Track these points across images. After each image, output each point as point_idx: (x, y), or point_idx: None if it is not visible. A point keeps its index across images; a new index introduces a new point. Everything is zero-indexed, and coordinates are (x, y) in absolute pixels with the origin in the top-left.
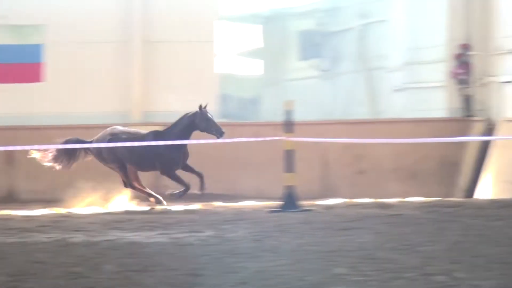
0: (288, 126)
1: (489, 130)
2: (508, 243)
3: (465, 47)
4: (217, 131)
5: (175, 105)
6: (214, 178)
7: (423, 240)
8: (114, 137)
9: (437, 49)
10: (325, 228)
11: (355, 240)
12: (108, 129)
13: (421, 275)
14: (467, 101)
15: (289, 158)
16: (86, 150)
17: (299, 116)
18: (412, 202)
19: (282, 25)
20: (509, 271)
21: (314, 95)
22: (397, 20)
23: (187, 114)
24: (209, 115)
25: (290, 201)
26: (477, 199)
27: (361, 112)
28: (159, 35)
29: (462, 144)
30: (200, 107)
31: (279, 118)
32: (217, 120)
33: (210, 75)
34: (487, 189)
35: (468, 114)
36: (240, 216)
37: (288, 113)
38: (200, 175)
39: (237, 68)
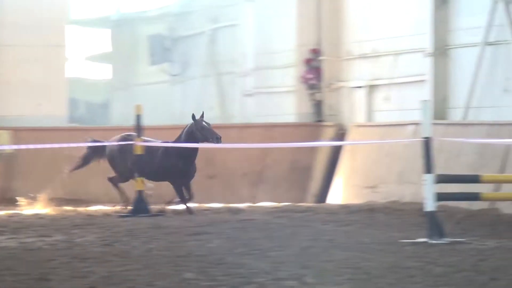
0: (138, 130)
1: (340, 135)
2: (358, 248)
3: (315, 52)
4: (213, 138)
5: (26, 110)
6: (64, 183)
7: (273, 245)
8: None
9: (288, 54)
10: (175, 233)
11: (205, 245)
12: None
13: (271, 280)
14: (318, 106)
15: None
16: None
17: (149, 120)
18: (263, 207)
19: (132, 30)
20: (359, 276)
21: (165, 99)
22: (247, 24)
23: (186, 126)
24: (204, 124)
25: (140, 206)
26: (328, 204)
27: (212, 117)
28: (10, 39)
29: (313, 149)
30: (193, 117)
31: (129, 122)
32: (67, 125)
33: (61, 79)
34: (338, 194)
35: (319, 119)
36: (90, 221)
37: (138, 117)
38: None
39: (87, 72)
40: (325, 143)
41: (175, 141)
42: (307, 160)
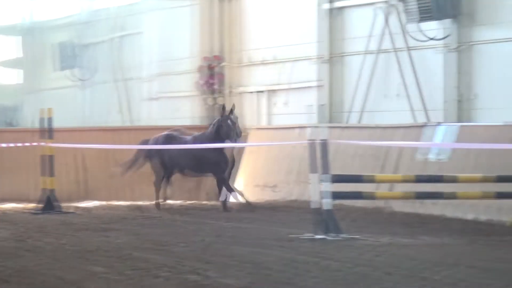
0: (47, 132)
1: (242, 137)
2: (258, 244)
3: (216, 58)
4: (231, 136)
5: None
6: None
7: (178, 241)
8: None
9: (190, 60)
10: (85, 229)
11: (113, 241)
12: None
13: (175, 274)
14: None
15: (48, 163)
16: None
17: (58, 123)
18: (168, 205)
19: (42, 37)
20: (258, 270)
21: (74, 103)
22: (151, 32)
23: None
24: (229, 122)
25: (50, 204)
26: (231, 202)
27: (118, 120)
28: None
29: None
30: (223, 107)
31: (39, 125)
32: None
33: None
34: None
35: None
36: (3, 218)
37: (47, 120)
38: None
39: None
40: (233, 145)
41: (205, 133)
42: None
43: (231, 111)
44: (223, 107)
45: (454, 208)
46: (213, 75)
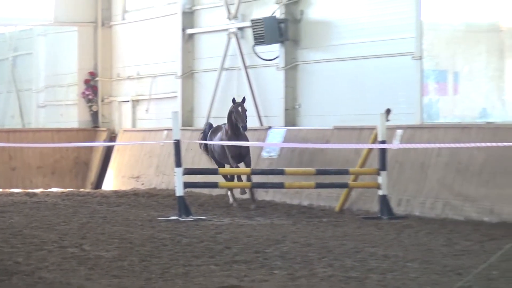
0: None
1: (112, 137)
2: (124, 223)
3: (92, 74)
4: (239, 123)
5: None
6: None
7: (60, 221)
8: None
9: (72, 75)
10: None
11: (7, 221)
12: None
13: (58, 247)
14: (95, 115)
15: None
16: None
17: None
18: (53, 192)
19: None
20: (124, 245)
21: None
22: (41, 52)
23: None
24: (239, 109)
25: None
26: (103, 190)
27: (14, 123)
28: None
29: (91, 148)
30: (233, 100)
31: None
32: None
33: None
34: (110, 182)
35: (95, 125)
36: None
37: None
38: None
39: None
40: (101, 144)
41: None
42: (87, 156)
43: (243, 100)
44: (234, 99)
45: (282, 195)
46: (89, 88)
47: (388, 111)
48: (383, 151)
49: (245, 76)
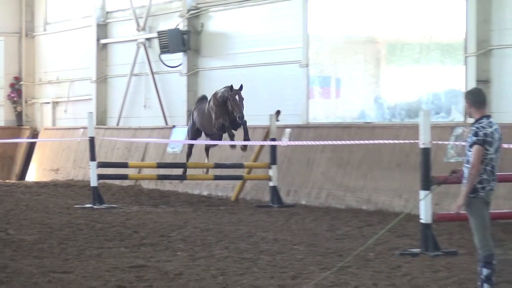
0: None
1: (35, 135)
2: (45, 210)
3: (17, 78)
4: (237, 113)
5: None
6: None
7: None
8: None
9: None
10: None
11: None
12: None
13: None
14: (19, 115)
15: None
16: None
17: None
18: None
19: None
20: (45, 229)
21: None
22: None
23: (225, 88)
24: (236, 97)
25: None
26: (26, 181)
27: None
28: None
29: (16, 144)
30: (231, 87)
31: None
32: None
33: None
34: (33, 174)
35: (20, 124)
36: None
37: None
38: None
39: None
40: (28, 140)
41: (217, 91)
42: (12, 151)
43: (240, 87)
44: (231, 86)
45: (184, 186)
46: (14, 91)
47: (278, 112)
48: (273, 148)
49: (152, 81)
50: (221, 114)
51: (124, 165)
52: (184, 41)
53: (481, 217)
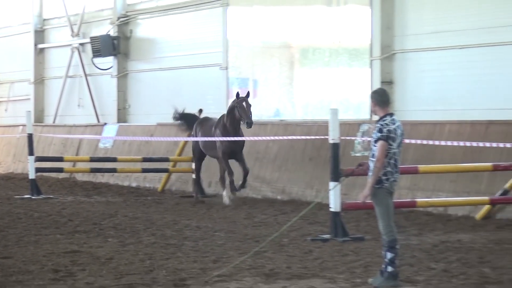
0: None
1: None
2: None
3: None
4: (244, 119)
5: None
6: None
7: None
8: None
9: None
10: None
11: None
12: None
13: None
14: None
15: None
16: None
17: None
18: None
19: None
20: None
21: None
22: None
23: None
24: (243, 103)
25: None
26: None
27: None
28: None
29: None
30: (237, 94)
31: None
32: None
33: None
34: None
35: None
36: None
37: None
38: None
39: None
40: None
41: (224, 115)
42: None
43: (247, 95)
44: (238, 93)
45: (115, 178)
46: None
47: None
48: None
49: (86, 82)
50: (227, 145)
51: (60, 159)
52: (115, 46)
53: (385, 206)
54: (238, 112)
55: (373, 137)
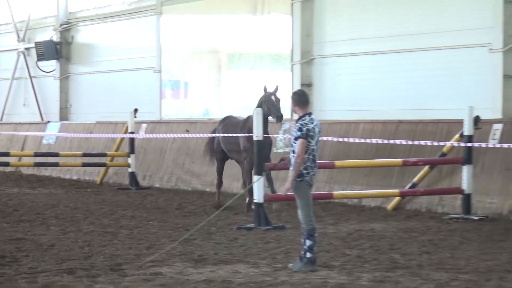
0: None
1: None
2: None
3: None
4: (273, 114)
5: None
6: None
7: None
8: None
9: None
10: None
11: None
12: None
13: None
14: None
15: None
16: None
17: None
18: None
19: None
20: None
21: None
22: None
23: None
24: (272, 98)
25: None
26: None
27: None
28: None
29: None
30: (265, 88)
31: None
32: None
33: None
34: None
35: None
36: None
37: None
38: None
39: None
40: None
41: (250, 116)
42: None
43: (276, 89)
44: (265, 87)
45: (57, 172)
46: None
47: (135, 110)
48: (132, 140)
49: (30, 84)
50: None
51: (7, 154)
52: (57, 50)
53: (306, 197)
54: (267, 107)
55: (293, 135)
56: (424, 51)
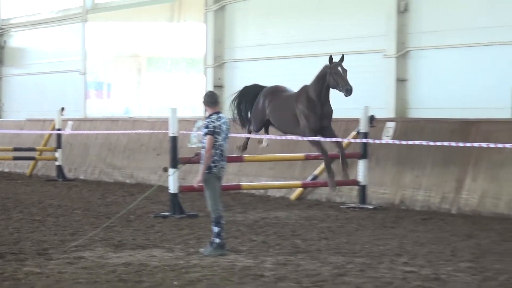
0: None
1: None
2: None
3: None
4: (342, 87)
5: None
6: None
7: None
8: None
9: None
10: None
11: None
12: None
13: None
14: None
15: None
16: None
17: None
18: None
19: None
20: None
21: None
22: None
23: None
24: (339, 69)
25: None
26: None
27: None
28: None
29: None
30: (330, 59)
31: None
32: None
33: None
34: None
35: None
36: None
37: None
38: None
39: None
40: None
41: (307, 86)
42: None
43: (342, 58)
44: (330, 57)
45: None
46: None
47: (62, 109)
48: (59, 136)
49: None
50: (314, 122)
51: None
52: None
53: (213, 188)
54: (333, 78)
55: (202, 132)
56: (325, 56)
